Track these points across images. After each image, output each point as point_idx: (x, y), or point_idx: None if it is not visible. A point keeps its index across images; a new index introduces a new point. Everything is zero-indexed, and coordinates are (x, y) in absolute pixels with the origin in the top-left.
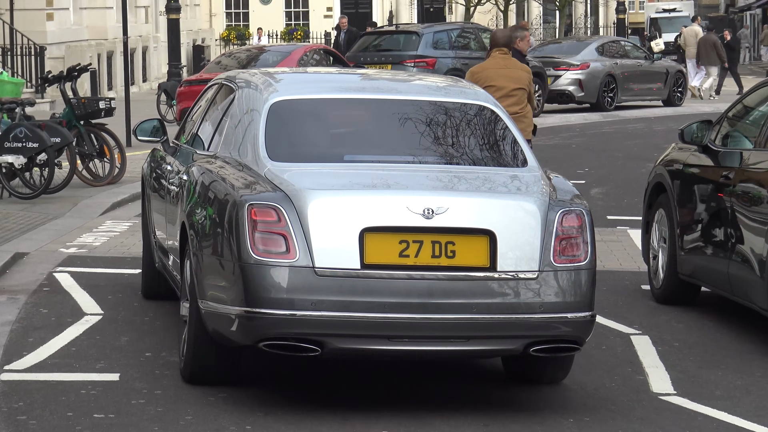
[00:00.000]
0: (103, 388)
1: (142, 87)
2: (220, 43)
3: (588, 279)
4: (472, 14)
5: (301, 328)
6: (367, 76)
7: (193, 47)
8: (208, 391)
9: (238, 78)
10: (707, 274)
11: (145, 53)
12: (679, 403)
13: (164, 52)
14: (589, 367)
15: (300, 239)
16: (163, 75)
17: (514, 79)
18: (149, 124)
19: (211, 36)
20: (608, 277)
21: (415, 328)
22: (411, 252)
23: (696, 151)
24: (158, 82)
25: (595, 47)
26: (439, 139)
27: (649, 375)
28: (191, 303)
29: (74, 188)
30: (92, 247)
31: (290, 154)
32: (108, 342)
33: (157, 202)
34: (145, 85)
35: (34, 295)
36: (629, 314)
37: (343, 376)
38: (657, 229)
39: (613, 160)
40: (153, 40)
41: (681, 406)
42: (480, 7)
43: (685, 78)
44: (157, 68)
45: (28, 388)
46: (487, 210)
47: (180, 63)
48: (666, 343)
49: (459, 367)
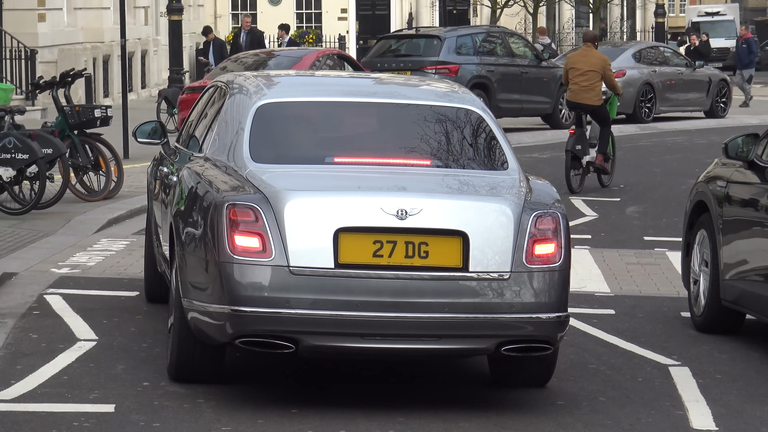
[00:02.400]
0: (97, 420)
1: (140, 94)
2: None
3: (561, 280)
4: (499, 17)
5: (276, 326)
6: (361, 80)
7: (196, 51)
8: (211, 424)
9: (231, 81)
10: (753, 301)
11: (144, 57)
12: None
13: (165, 57)
14: (624, 401)
15: (276, 239)
16: (163, 81)
17: (588, 64)
18: (149, 126)
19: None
20: (645, 303)
21: (387, 327)
22: (385, 252)
23: (741, 167)
24: (158, 89)
25: (631, 53)
26: (421, 141)
27: (689, 410)
28: (176, 301)
29: (67, 203)
30: (86, 267)
31: (272, 155)
32: (103, 370)
33: (156, 206)
34: (144, 91)
35: (23, 319)
36: (668, 344)
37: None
38: (698, 251)
39: (650, 176)
40: (153, 44)
41: None
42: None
43: (729, 88)
44: (157, 74)
45: (16, 420)
46: (460, 211)
47: (182, 68)
48: (707, 376)
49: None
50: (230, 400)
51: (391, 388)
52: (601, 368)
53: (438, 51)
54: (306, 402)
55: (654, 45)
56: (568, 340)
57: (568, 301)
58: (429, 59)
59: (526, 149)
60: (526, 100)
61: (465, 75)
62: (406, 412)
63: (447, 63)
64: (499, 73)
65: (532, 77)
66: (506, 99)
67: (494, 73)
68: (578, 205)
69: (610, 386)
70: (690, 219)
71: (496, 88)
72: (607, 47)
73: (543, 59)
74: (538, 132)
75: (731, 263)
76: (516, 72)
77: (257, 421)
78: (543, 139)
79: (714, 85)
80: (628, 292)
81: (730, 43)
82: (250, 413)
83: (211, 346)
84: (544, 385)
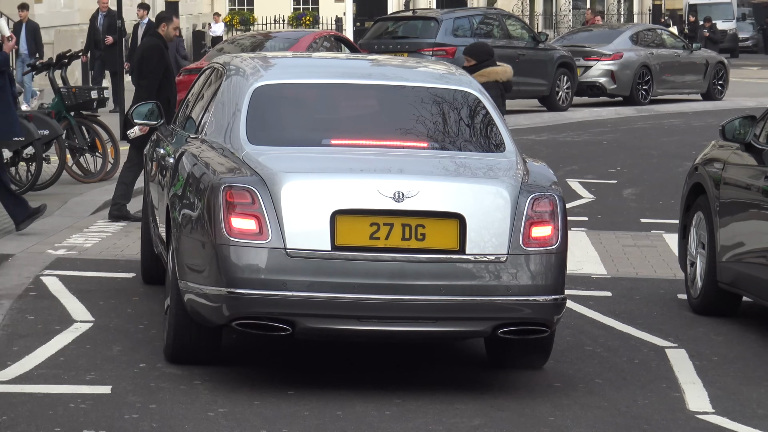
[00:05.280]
0: (93, 401)
1: None
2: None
3: (558, 263)
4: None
5: (273, 308)
6: (358, 62)
7: (193, 33)
8: (207, 406)
9: (228, 62)
10: (749, 283)
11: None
12: (718, 423)
13: None
14: (621, 383)
15: (273, 221)
16: None
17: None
18: (146, 107)
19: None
20: (642, 286)
21: (383, 309)
22: (381, 234)
23: (738, 149)
24: None
25: (628, 36)
26: (418, 123)
27: (685, 392)
28: (173, 283)
29: (63, 185)
30: (82, 248)
31: (269, 137)
32: (99, 351)
33: (153, 187)
34: None
35: (19, 301)
36: (664, 326)
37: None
38: (695, 233)
39: (647, 158)
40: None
41: (720, 425)
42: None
43: (726, 70)
44: None
45: (13, 401)
46: (456, 194)
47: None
48: (704, 358)
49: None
50: (227, 382)
51: (387, 371)
52: (598, 350)
53: (435, 33)
54: (302, 384)
55: (651, 27)
56: (564, 322)
57: (565, 284)
58: (426, 41)
59: (523, 131)
60: (523, 82)
61: (461, 57)
62: (402, 394)
63: (444, 45)
64: (496, 55)
65: (529, 59)
66: None
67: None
68: (575, 187)
69: (607, 368)
70: (687, 201)
71: None
72: (604, 29)
73: (540, 41)
74: (535, 114)
75: (728, 245)
76: (513, 54)
77: (254, 403)
78: (540, 122)
79: (711, 68)
80: (625, 274)
81: (727, 26)
82: (246, 395)
83: (207, 328)
84: (540, 367)
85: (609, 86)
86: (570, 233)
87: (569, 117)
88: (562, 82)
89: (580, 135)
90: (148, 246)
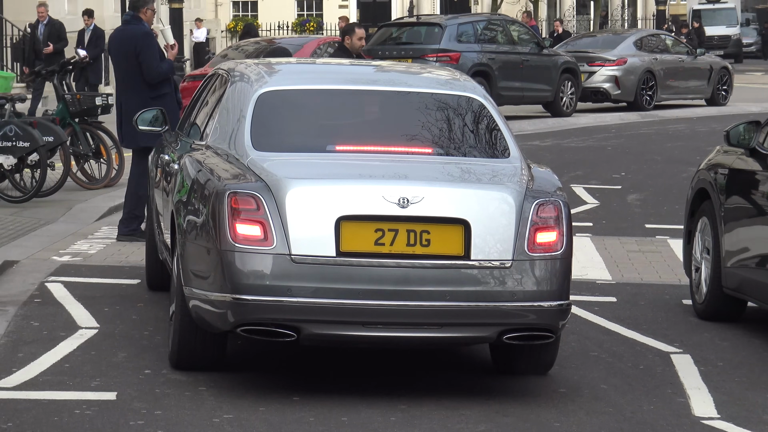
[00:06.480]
0: (98, 407)
1: None
2: (227, 35)
3: (563, 268)
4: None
5: (278, 314)
6: (362, 68)
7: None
8: (212, 412)
9: (232, 68)
10: (754, 288)
11: None
12: (724, 428)
13: None
14: (626, 389)
15: (277, 227)
16: None
17: None
18: (150, 114)
19: (216, 27)
20: (646, 291)
21: (389, 315)
22: (386, 240)
23: (743, 154)
24: None
25: (632, 41)
26: (422, 129)
27: (690, 397)
28: (178, 289)
29: (68, 191)
30: (87, 255)
31: (274, 143)
32: (104, 358)
33: (157, 194)
34: None
35: (24, 307)
36: (669, 331)
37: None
38: (700, 239)
39: (652, 163)
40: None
41: (725, 431)
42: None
43: (730, 75)
44: None
45: (18, 408)
46: (461, 200)
47: (183, 56)
48: (709, 363)
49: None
50: (232, 388)
51: (392, 377)
52: (603, 356)
53: (439, 39)
54: (308, 390)
55: (655, 33)
56: (569, 328)
57: (570, 289)
58: (430, 47)
59: (528, 137)
60: (527, 88)
61: (466, 63)
62: (407, 400)
63: (448, 51)
64: (500, 60)
65: (533, 65)
66: (507, 87)
67: (495, 60)
68: (579, 193)
69: (612, 374)
70: (691, 206)
71: (497, 75)
72: (607, 35)
73: (544, 47)
74: (539, 120)
75: (733, 251)
76: (517, 60)
77: (259, 409)
78: (544, 127)
79: (715, 73)
80: (630, 279)
81: (731, 31)
82: (251, 401)
83: (212, 334)
84: (545, 373)
85: (613, 92)
86: (575, 239)
87: (573, 123)
88: (566, 87)
89: (585, 140)
90: (153, 252)
